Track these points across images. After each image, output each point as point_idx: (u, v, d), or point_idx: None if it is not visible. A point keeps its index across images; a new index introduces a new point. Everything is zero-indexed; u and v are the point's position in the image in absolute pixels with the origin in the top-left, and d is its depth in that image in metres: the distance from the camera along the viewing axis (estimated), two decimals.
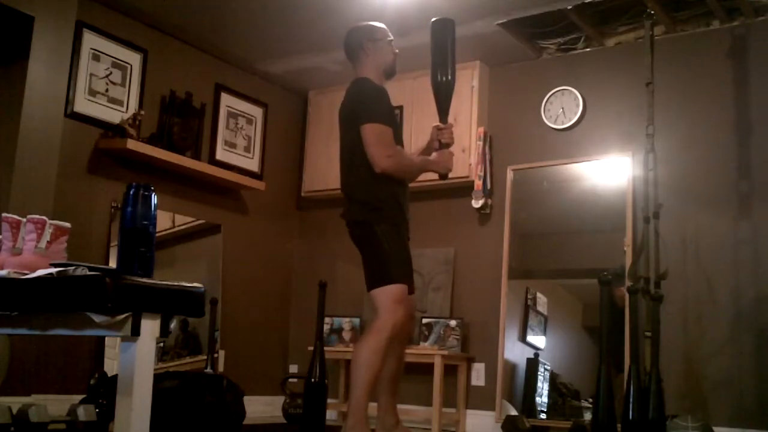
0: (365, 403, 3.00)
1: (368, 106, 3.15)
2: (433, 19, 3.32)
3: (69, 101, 4.28)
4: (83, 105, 4.39)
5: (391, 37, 3.37)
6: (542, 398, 4.50)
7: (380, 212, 3.13)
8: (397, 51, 3.37)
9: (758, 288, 4.05)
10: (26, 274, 2.22)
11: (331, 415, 4.89)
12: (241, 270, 5.29)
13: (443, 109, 3.28)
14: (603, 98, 4.71)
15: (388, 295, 3.05)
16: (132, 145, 4.40)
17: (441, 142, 3.28)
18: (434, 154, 3.30)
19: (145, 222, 2.17)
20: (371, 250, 3.13)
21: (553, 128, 4.84)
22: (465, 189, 4.97)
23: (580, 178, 4.71)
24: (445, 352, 4.65)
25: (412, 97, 5.13)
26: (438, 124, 3.30)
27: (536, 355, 4.62)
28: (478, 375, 4.82)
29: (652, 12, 4.03)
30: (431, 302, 5.07)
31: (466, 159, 4.92)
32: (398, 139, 3.34)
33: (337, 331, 5.23)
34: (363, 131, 3.11)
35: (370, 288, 3.12)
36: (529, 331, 4.70)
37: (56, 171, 4.02)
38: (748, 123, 4.24)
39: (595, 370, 3.20)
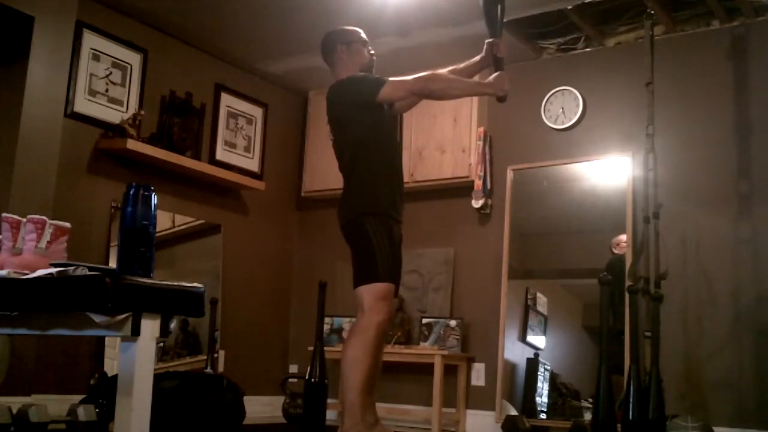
0: (361, 403, 2.98)
1: (363, 88, 3.14)
2: None
3: (69, 101, 4.28)
4: (83, 105, 4.39)
5: (365, 39, 3.36)
6: (542, 398, 4.50)
7: (372, 209, 3.11)
8: (372, 52, 3.36)
9: (758, 288, 4.05)
10: (26, 274, 2.22)
11: (331, 415, 4.88)
12: (241, 270, 5.29)
13: (495, 29, 3.20)
14: (603, 98, 4.71)
15: (373, 292, 3.03)
16: (132, 145, 4.40)
17: (496, 56, 3.19)
18: (491, 78, 3.18)
19: (145, 222, 2.17)
20: (360, 246, 3.10)
21: (553, 128, 4.84)
22: (465, 189, 4.97)
23: (580, 178, 4.71)
24: (445, 352, 4.65)
25: None
26: (490, 39, 3.22)
27: (536, 355, 4.63)
28: (478, 375, 4.82)
29: (652, 12, 4.03)
30: (431, 302, 5.07)
31: (466, 159, 4.92)
32: (396, 138, 3.33)
33: (337, 331, 5.23)
34: (382, 97, 3.08)
35: (356, 285, 3.09)
36: (529, 331, 4.71)
37: (56, 171, 4.02)
38: (748, 123, 4.24)
39: (595, 370, 3.20)
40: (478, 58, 3.31)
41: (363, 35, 3.36)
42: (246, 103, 5.43)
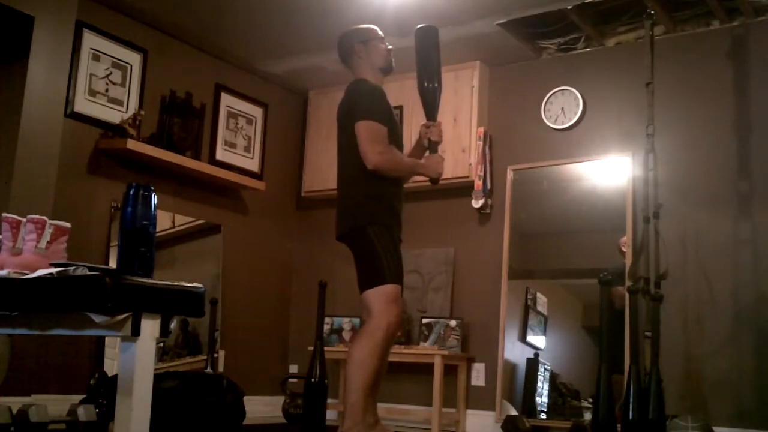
0: (362, 405, 2.99)
1: (363, 105, 3.17)
2: (417, 27, 3.33)
3: (69, 101, 4.28)
4: (83, 105, 4.39)
5: (381, 35, 3.38)
6: (542, 398, 4.50)
7: (373, 213, 3.13)
8: (390, 47, 3.38)
9: (758, 288, 4.05)
10: (26, 274, 2.22)
11: (331, 415, 4.89)
12: (241, 270, 5.29)
13: (431, 114, 3.31)
14: (603, 98, 4.71)
15: (382, 295, 3.04)
16: (132, 145, 4.40)
17: (430, 140, 3.29)
18: (425, 158, 3.31)
19: (145, 222, 2.17)
20: (364, 251, 3.12)
21: (553, 128, 4.84)
22: (465, 189, 4.97)
23: (580, 178, 4.71)
24: (445, 352, 4.65)
25: (412, 97, 5.08)
26: (426, 122, 3.31)
27: (536, 355, 4.63)
28: (478, 375, 4.82)
29: (652, 12, 4.03)
30: (431, 302, 5.07)
31: (466, 159, 4.92)
32: (399, 139, 3.34)
33: (337, 331, 5.23)
34: (357, 128, 3.12)
35: (363, 289, 3.11)
36: (529, 331, 4.71)
37: (56, 171, 4.02)
38: (748, 123, 4.24)
39: (595, 370, 3.20)
40: (414, 145, 3.45)
41: (379, 31, 3.39)
42: (246, 103, 5.43)
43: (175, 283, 2.19)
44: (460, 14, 4.41)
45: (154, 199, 2.21)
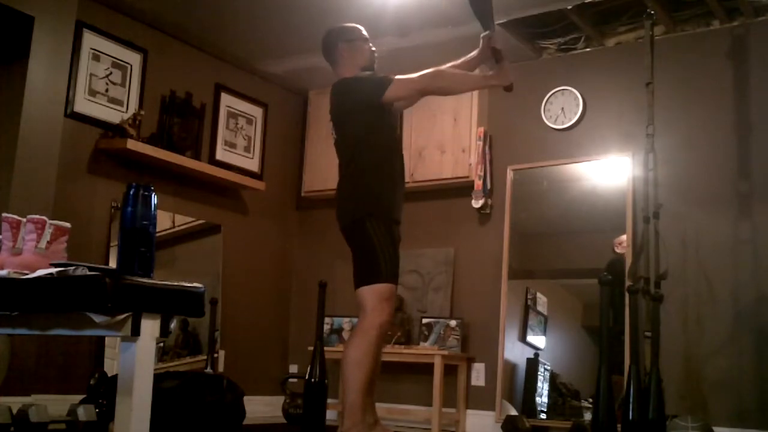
0: (361, 404, 3.00)
1: (368, 89, 3.17)
2: None
3: (69, 101, 4.28)
4: (83, 105, 4.39)
5: (366, 35, 3.38)
6: (542, 398, 4.50)
7: (373, 209, 3.12)
8: (373, 48, 3.38)
9: (758, 288, 4.05)
10: (26, 274, 2.22)
11: (331, 415, 4.88)
12: (241, 270, 5.29)
13: (487, 23, 3.21)
14: (603, 98, 4.71)
15: (375, 293, 3.05)
16: (132, 145, 4.40)
17: (495, 48, 3.21)
18: (495, 69, 3.21)
19: (145, 222, 2.17)
20: (361, 247, 3.12)
21: (553, 128, 4.84)
22: (465, 189, 4.97)
23: (580, 178, 4.71)
24: (445, 352, 4.65)
25: None
26: (485, 33, 3.23)
27: (536, 355, 4.63)
28: (478, 375, 4.82)
29: (652, 12, 4.03)
30: (431, 302, 5.07)
31: (466, 159, 4.92)
32: (393, 130, 3.33)
33: (337, 331, 5.23)
34: (395, 91, 3.11)
35: (357, 285, 3.11)
36: (529, 331, 4.71)
37: (56, 171, 4.02)
38: (748, 123, 4.24)
39: (595, 370, 3.20)
40: (475, 53, 3.33)
41: (364, 32, 3.37)
42: (246, 103, 5.43)
43: (175, 283, 2.19)
44: (460, 14, 4.40)
45: (154, 199, 2.21)
